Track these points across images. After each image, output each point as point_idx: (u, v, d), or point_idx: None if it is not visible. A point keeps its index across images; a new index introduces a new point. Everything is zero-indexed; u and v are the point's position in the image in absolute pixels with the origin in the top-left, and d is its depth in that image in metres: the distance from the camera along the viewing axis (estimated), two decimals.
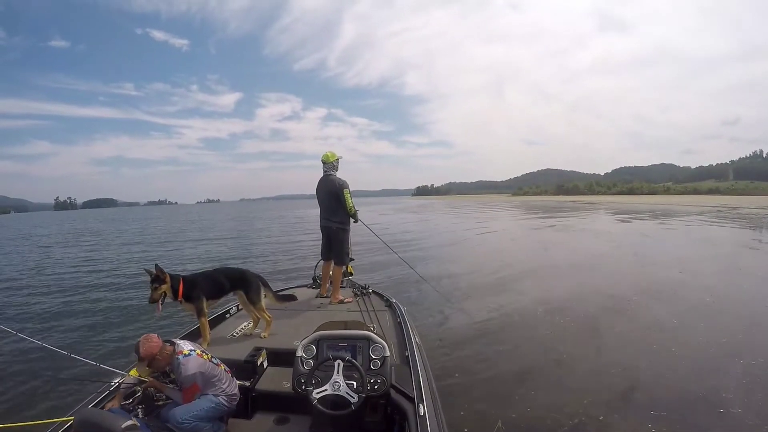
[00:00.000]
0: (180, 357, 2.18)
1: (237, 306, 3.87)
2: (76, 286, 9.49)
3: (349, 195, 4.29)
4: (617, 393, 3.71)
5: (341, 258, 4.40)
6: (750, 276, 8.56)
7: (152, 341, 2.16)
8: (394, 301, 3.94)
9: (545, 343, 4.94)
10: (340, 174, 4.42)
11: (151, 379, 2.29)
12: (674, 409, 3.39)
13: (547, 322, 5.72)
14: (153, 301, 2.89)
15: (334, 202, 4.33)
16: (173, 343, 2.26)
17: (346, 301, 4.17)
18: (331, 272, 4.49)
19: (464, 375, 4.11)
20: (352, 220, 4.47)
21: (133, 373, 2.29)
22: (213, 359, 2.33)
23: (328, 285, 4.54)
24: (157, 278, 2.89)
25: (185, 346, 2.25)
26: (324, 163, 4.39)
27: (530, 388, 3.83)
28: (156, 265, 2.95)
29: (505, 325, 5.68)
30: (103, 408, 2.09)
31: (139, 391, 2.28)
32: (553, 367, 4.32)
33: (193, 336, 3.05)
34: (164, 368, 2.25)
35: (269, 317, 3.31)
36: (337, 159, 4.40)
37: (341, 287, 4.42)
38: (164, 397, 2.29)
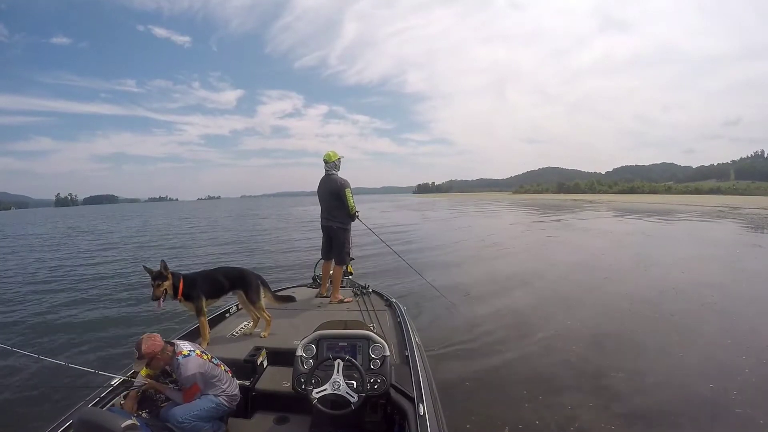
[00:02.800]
0: (180, 358, 2.18)
1: (237, 305, 3.87)
2: (70, 288, 9.24)
3: (350, 194, 4.29)
4: (622, 396, 3.68)
5: (342, 257, 4.40)
6: (753, 276, 8.54)
7: (155, 340, 2.16)
8: (394, 300, 3.94)
9: (551, 346, 4.91)
10: (341, 172, 4.43)
11: (150, 380, 2.29)
12: (679, 413, 3.38)
13: (553, 325, 5.67)
14: (155, 298, 2.91)
15: (335, 201, 4.33)
16: (173, 344, 2.26)
17: (346, 300, 4.17)
18: (331, 272, 4.49)
19: (469, 379, 4.06)
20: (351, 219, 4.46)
21: (143, 373, 2.29)
22: (213, 359, 2.33)
23: (328, 284, 4.54)
24: (160, 275, 2.91)
25: (185, 346, 2.25)
26: (326, 162, 4.39)
27: (537, 392, 3.77)
28: (162, 261, 2.97)
29: (510, 328, 5.60)
30: (104, 407, 2.10)
31: (139, 392, 2.27)
32: (559, 369, 4.27)
33: (193, 336, 3.06)
34: (162, 368, 2.25)
35: (269, 317, 3.32)
36: (339, 158, 4.39)
37: (341, 287, 4.42)
38: (164, 398, 2.29)
